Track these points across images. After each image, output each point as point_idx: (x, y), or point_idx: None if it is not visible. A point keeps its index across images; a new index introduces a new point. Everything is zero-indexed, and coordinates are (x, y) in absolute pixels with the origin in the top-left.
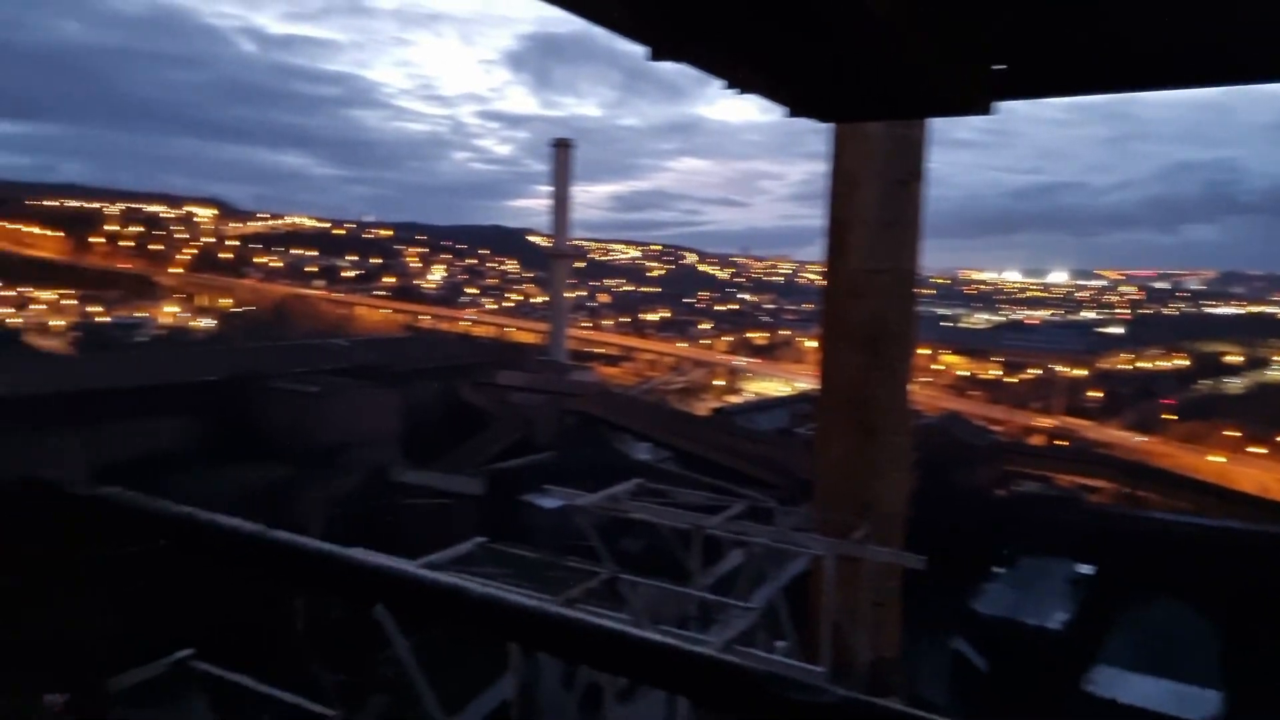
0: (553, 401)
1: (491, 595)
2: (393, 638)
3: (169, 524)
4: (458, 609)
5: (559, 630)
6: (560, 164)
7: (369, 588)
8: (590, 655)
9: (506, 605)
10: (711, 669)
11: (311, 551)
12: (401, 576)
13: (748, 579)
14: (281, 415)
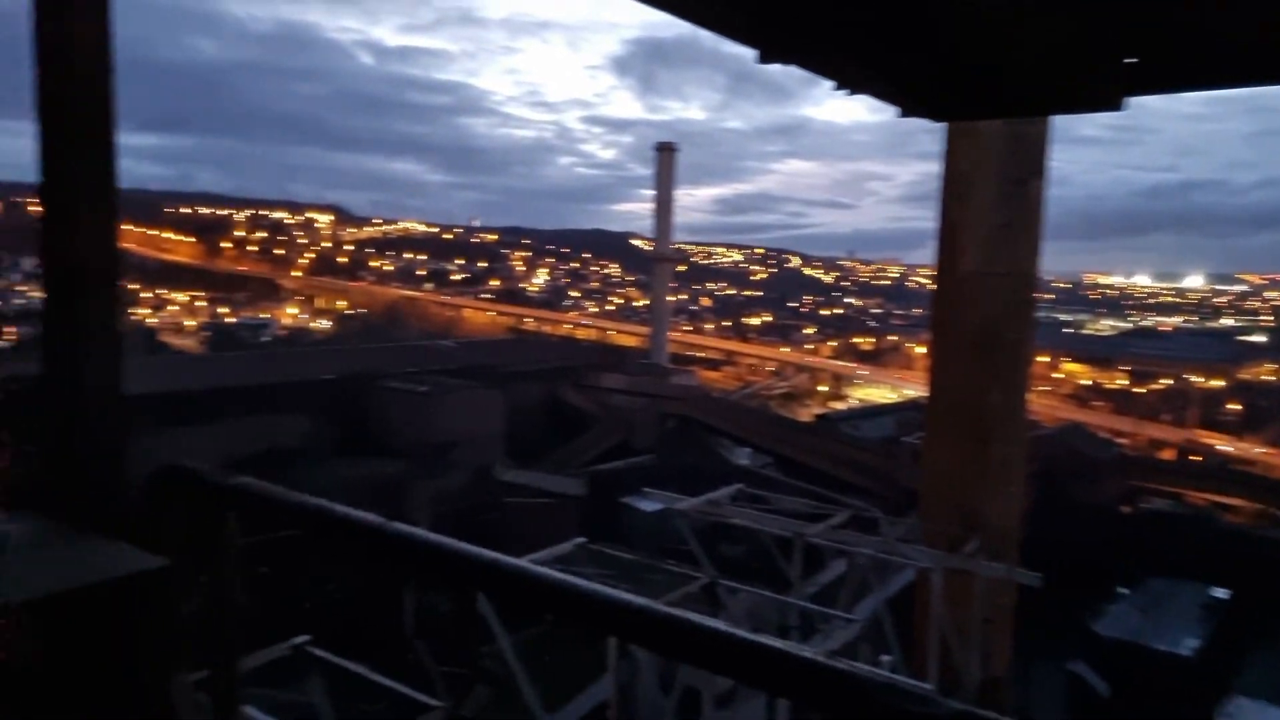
0: (653, 405)
1: (605, 592)
2: (496, 632)
3: (301, 513)
4: (569, 603)
5: (671, 629)
6: (663, 168)
7: (481, 579)
8: (701, 656)
9: (621, 602)
10: (824, 675)
11: (427, 543)
12: (513, 570)
13: (851, 590)
14: (393, 413)
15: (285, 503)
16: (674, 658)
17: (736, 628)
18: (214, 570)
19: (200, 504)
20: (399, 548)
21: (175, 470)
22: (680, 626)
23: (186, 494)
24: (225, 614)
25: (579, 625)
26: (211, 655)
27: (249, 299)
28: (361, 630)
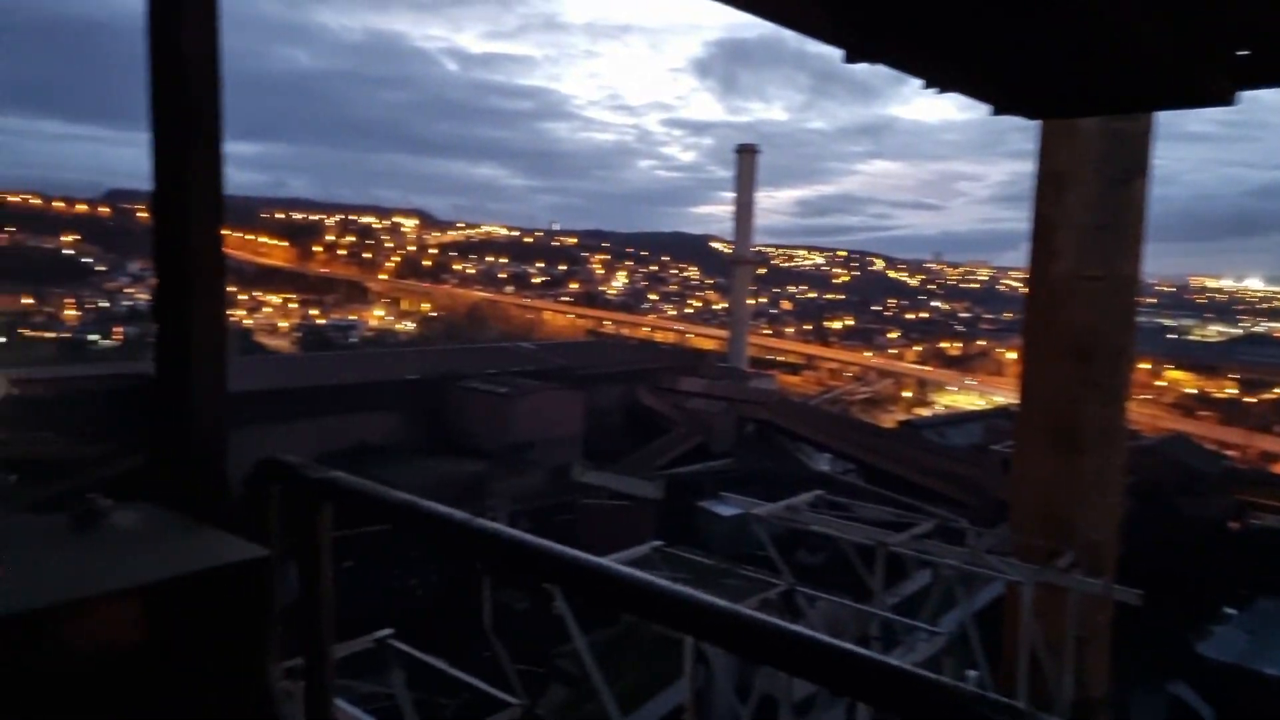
0: (731, 409)
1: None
2: (572, 633)
3: (391, 508)
4: (654, 603)
5: (761, 634)
6: (744, 170)
7: (565, 577)
8: (789, 661)
9: (710, 605)
10: (916, 685)
11: (511, 540)
12: (597, 568)
13: (935, 602)
14: (473, 413)
15: (376, 497)
16: (763, 662)
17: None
18: (309, 561)
19: (297, 496)
20: (484, 544)
21: (274, 464)
22: (770, 630)
23: (284, 487)
24: (320, 604)
25: (668, 627)
26: (305, 645)
27: (338, 301)
28: (440, 626)
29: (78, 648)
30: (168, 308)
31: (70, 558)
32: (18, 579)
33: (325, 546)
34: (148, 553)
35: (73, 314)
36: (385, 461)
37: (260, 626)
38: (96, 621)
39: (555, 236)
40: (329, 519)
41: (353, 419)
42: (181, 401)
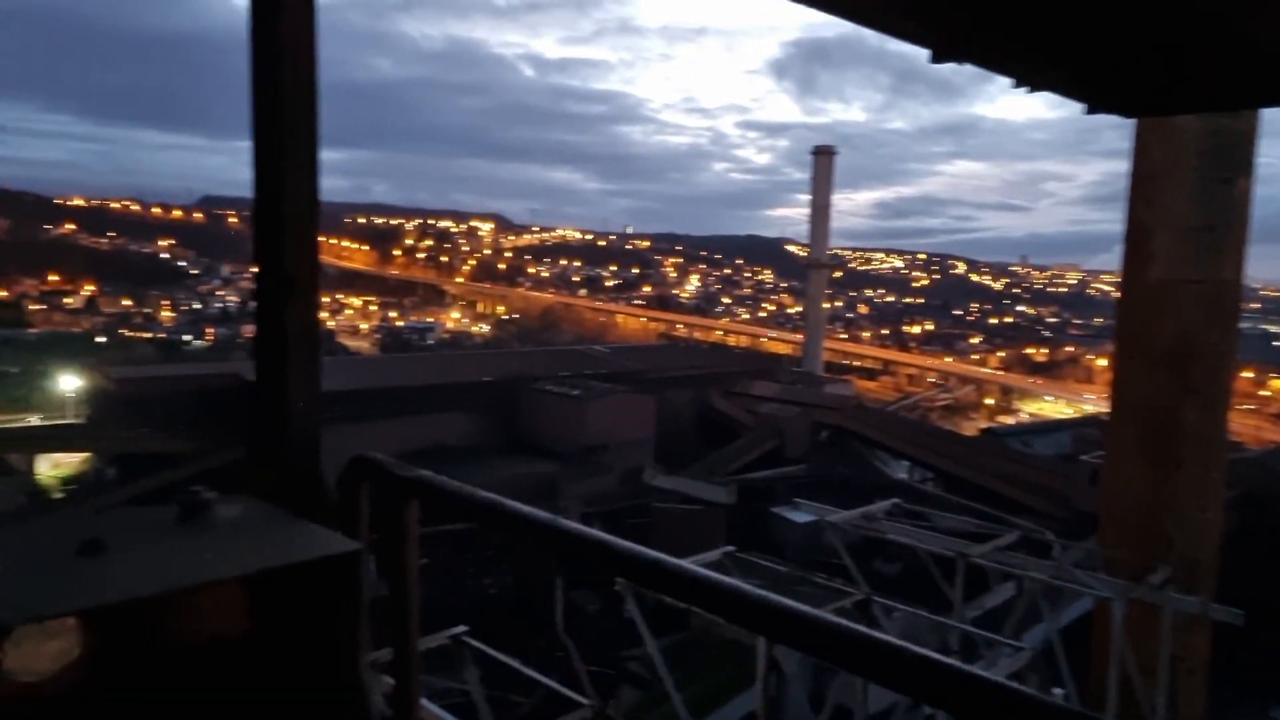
0: (805, 414)
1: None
2: (643, 636)
3: (475, 507)
4: (737, 607)
5: (840, 637)
6: (821, 172)
7: (646, 578)
8: (873, 667)
9: (798, 610)
10: (1005, 697)
11: (593, 540)
12: (676, 570)
13: (1019, 616)
14: (546, 415)
15: (462, 496)
16: (849, 669)
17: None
18: (397, 557)
19: (385, 493)
20: (566, 543)
21: (364, 461)
22: (856, 637)
23: (373, 483)
24: (407, 599)
25: (752, 630)
26: (392, 639)
27: (416, 304)
28: (513, 625)
29: (185, 634)
30: (266, 311)
31: (178, 547)
32: (131, 567)
33: (413, 543)
34: (250, 544)
35: (168, 315)
36: (460, 461)
37: (354, 618)
38: (202, 609)
39: (629, 240)
40: (416, 516)
41: (429, 419)
42: (279, 401)
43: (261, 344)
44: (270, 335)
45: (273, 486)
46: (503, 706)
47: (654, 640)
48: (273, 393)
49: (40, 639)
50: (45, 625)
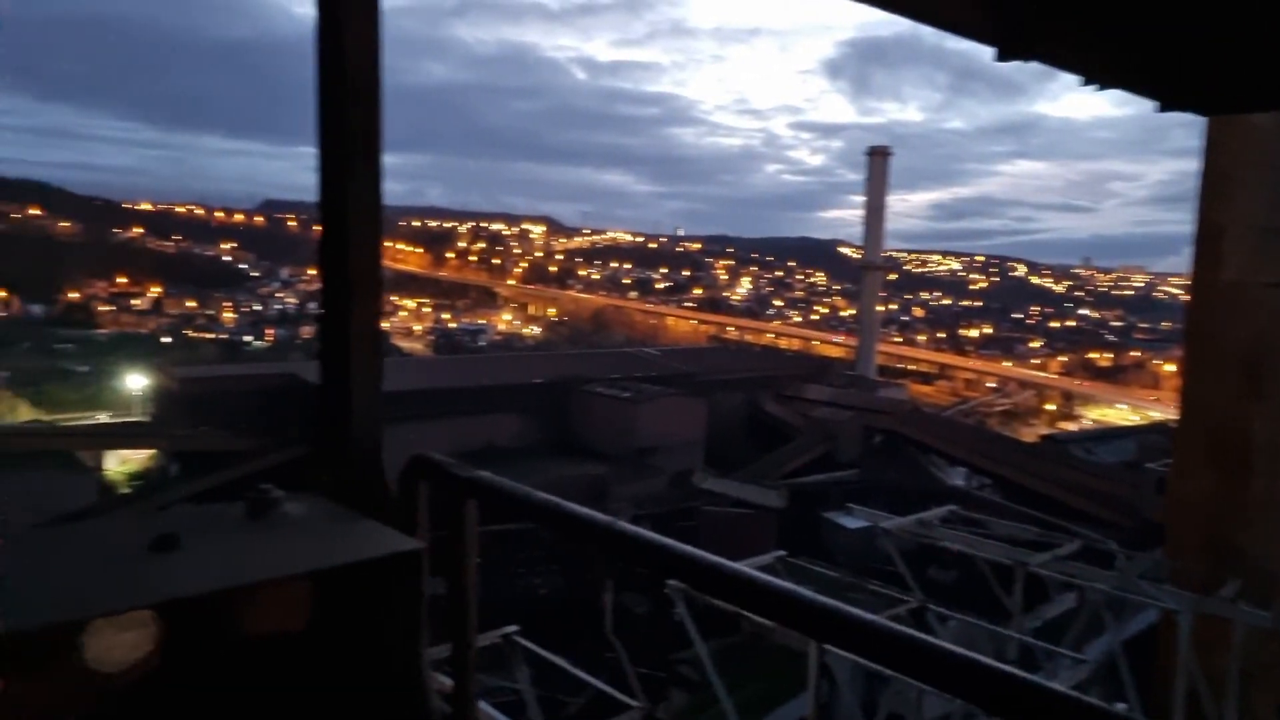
0: (859, 418)
1: (837, 605)
2: (693, 639)
3: (534, 508)
4: (796, 612)
5: (899, 644)
6: (875, 172)
7: (703, 581)
8: (935, 676)
9: (854, 615)
10: (1074, 708)
11: (651, 543)
12: (734, 574)
13: (1080, 628)
14: (596, 417)
15: (520, 497)
16: (908, 675)
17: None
18: (456, 556)
19: (444, 492)
20: (624, 546)
21: (423, 461)
22: (916, 644)
23: (432, 483)
24: (465, 598)
25: (810, 635)
26: (451, 637)
27: (469, 306)
28: (562, 626)
29: (252, 629)
30: (330, 313)
31: (247, 543)
32: (202, 562)
33: (471, 542)
34: (315, 541)
35: (230, 316)
36: (511, 462)
37: (415, 616)
38: (269, 604)
39: (680, 242)
40: (475, 516)
41: (481, 420)
42: (342, 401)
43: (325, 345)
44: (334, 337)
45: (336, 485)
46: (552, 706)
47: (704, 643)
48: (336, 393)
49: (116, 631)
50: (121, 618)
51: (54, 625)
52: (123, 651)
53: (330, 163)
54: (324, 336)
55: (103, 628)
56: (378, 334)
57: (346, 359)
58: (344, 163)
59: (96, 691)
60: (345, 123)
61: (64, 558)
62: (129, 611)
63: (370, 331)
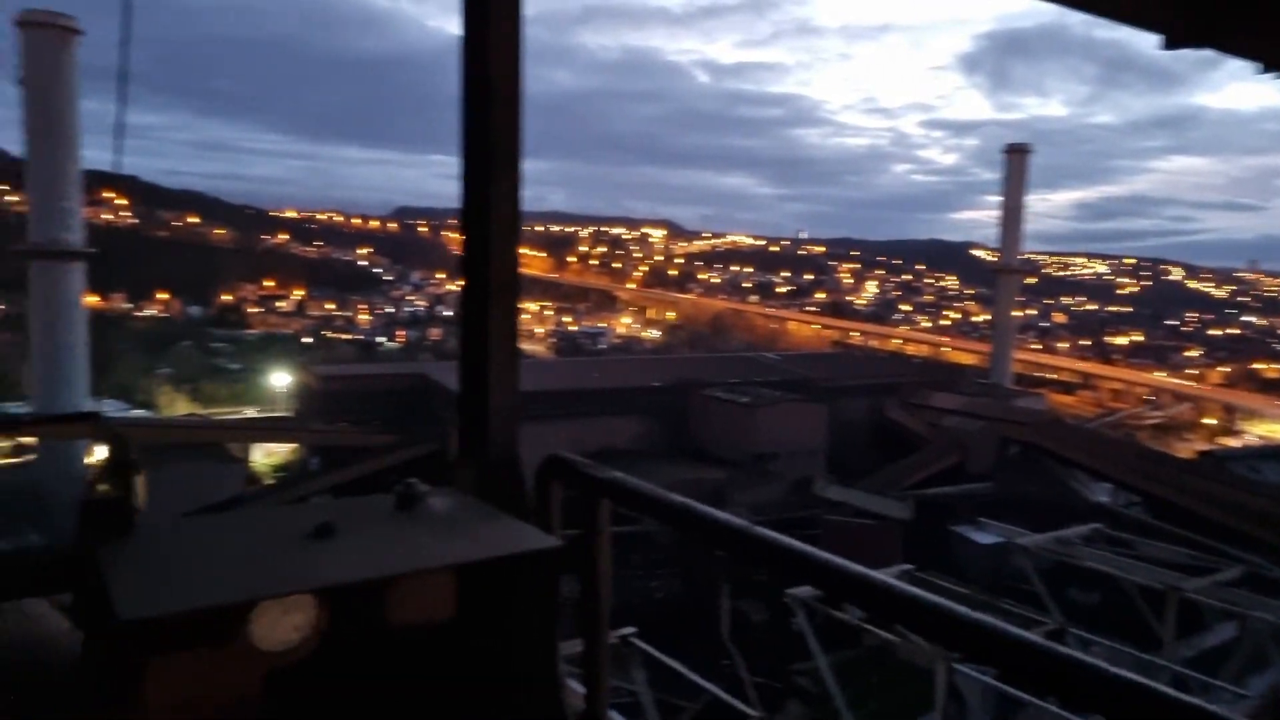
0: (992, 428)
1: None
2: (813, 650)
3: (667, 509)
4: (938, 624)
5: (1049, 660)
6: (1014, 171)
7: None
8: (1090, 699)
9: (1002, 629)
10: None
11: (790, 550)
12: (879, 584)
13: (1242, 660)
14: (715, 422)
15: (654, 498)
16: (1054, 694)
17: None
18: (589, 555)
19: (578, 492)
20: (761, 551)
21: (558, 461)
22: (1068, 661)
23: (566, 482)
24: (598, 596)
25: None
26: (583, 633)
27: (589, 309)
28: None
29: (401, 616)
30: (471, 316)
31: (396, 535)
32: (357, 551)
33: (605, 541)
34: (459, 535)
35: (365, 318)
36: (629, 465)
37: (551, 613)
38: (416, 594)
39: (802, 245)
40: (608, 516)
41: (600, 422)
42: (481, 400)
43: (466, 347)
44: (474, 339)
45: (476, 481)
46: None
47: (824, 655)
48: (476, 393)
49: (281, 612)
50: (285, 600)
51: (230, 605)
52: (287, 631)
53: (473, 171)
54: (464, 338)
55: (270, 608)
56: (515, 337)
57: (485, 361)
58: (486, 171)
59: (265, 668)
60: (488, 132)
61: (237, 542)
62: (292, 595)
63: (508, 334)
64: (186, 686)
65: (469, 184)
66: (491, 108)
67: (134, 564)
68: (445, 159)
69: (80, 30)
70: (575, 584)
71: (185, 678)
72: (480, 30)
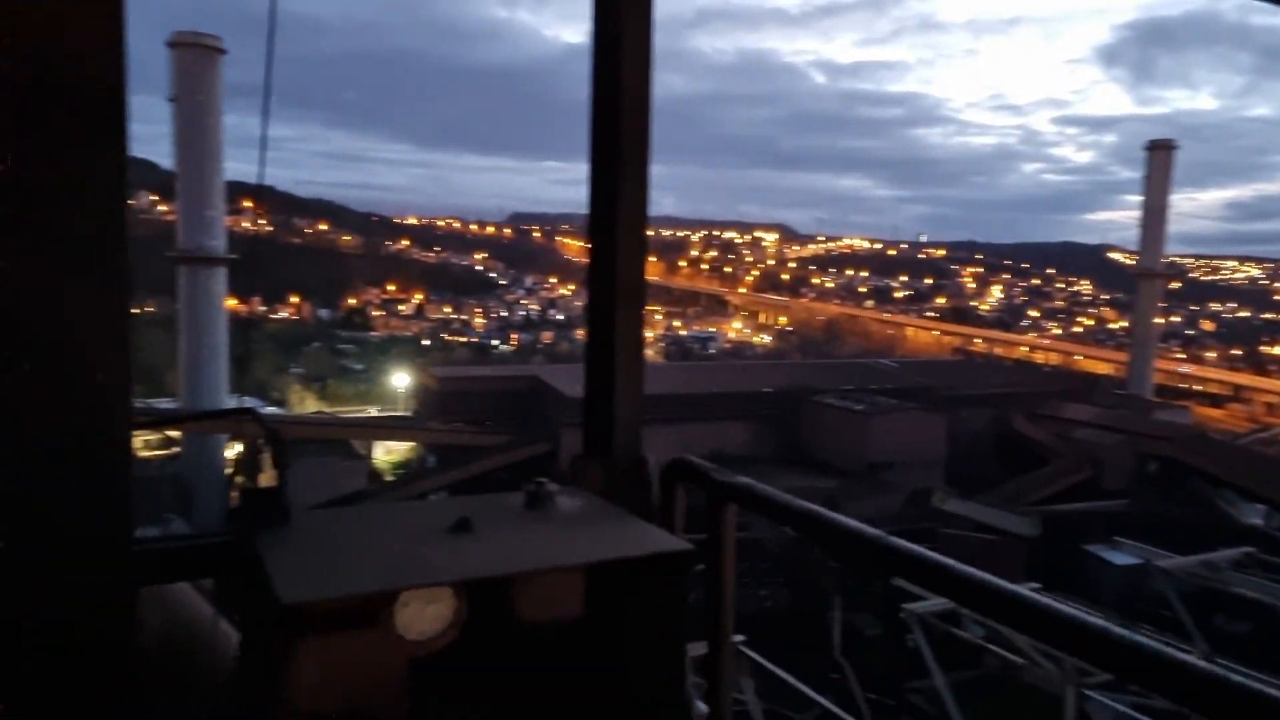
0: (1129, 442)
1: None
2: (930, 669)
3: (796, 515)
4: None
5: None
6: (1156, 169)
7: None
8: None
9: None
10: None
11: (923, 560)
12: (1013, 595)
13: None
14: (827, 429)
15: (779, 503)
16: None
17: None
18: (714, 559)
19: (705, 495)
20: (893, 560)
21: (682, 464)
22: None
23: (688, 485)
24: (723, 600)
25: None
26: (708, 638)
27: (700, 313)
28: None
29: (532, 613)
30: (598, 319)
31: (529, 532)
32: (493, 546)
33: (730, 545)
34: (589, 535)
35: (480, 322)
36: (738, 471)
37: (679, 616)
38: (548, 591)
39: (922, 248)
40: (733, 520)
41: (709, 427)
42: (607, 402)
43: (593, 349)
44: (601, 341)
45: (603, 482)
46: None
47: (943, 675)
48: (602, 395)
49: (423, 603)
50: (427, 591)
51: (378, 593)
52: (428, 621)
53: (601, 176)
54: (591, 340)
55: (414, 598)
56: (641, 341)
57: (612, 364)
58: (614, 176)
59: (407, 655)
60: (618, 138)
61: (382, 533)
62: (433, 586)
63: (634, 338)
64: (337, 669)
65: (597, 189)
66: (623, 113)
67: (290, 552)
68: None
69: (224, 50)
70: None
71: (336, 660)
72: (613, 34)
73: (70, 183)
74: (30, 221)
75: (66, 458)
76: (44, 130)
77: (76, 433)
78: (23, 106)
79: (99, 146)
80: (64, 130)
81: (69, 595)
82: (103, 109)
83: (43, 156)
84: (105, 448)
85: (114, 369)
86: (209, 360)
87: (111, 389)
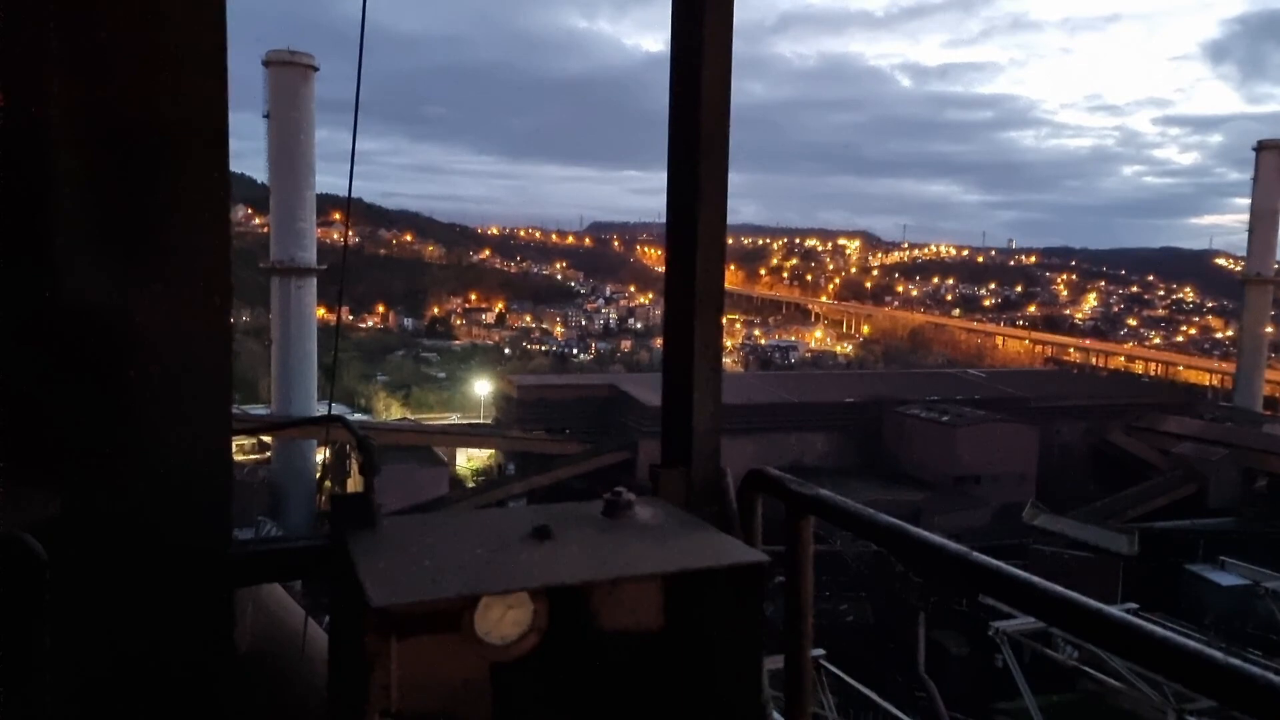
0: (1237, 457)
1: None
2: (1022, 690)
3: (879, 530)
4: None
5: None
6: (1267, 169)
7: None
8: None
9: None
10: None
11: (1014, 579)
12: (1105, 616)
13: None
14: (911, 441)
15: (861, 517)
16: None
17: None
18: (793, 571)
19: (783, 507)
20: (979, 578)
21: (760, 475)
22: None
23: (767, 497)
24: (802, 613)
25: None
26: (786, 651)
27: (780, 322)
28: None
29: (611, 622)
30: (677, 326)
31: (608, 541)
32: (573, 553)
33: (808, 559)
34: (667, 544)
35: (560, 330)
36: (819, 482)
37: (757, 629)
38: (627, 600)
39: (1012, 255)
40: (811, 532)
41: (789, 437)
42: (685, 411)
43: (671, 357)
44: (680, 349)
45: (681, 492)
46: None
47: (1033, 696)
48: (680, 404)
49: (503, 609)
50: (508, 597)
51: (462, 597)
52: (509, 627)
53: (680, 184)
54: (670, 348)
55: (495, 603)
56: (719, 349)
57: (690, 373)
58: (694, 185)
59: (490, 660)
60: (697, 145)
61: (466, 539)
62: (514, 592)
63: (713, 347)
64: (424, 670)
65: (675, 197)
66: (701, 120)
67: (380, 556)
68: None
69: (317, 67)
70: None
71: (423, 662)
72: (692, 41)
73: (177, 200)
74: (138, 236)
75: (170, 463)
76: (153, 152)
77: (180, 439)
78: (131, 130)
79: (204, 167)
80: (171, 150)
81: (171, 593)
82: (207, 130)
83: (152, 176)
84: (206, 453)
85: (215, 377)
86: (300, 368)
87: (213, 397)
